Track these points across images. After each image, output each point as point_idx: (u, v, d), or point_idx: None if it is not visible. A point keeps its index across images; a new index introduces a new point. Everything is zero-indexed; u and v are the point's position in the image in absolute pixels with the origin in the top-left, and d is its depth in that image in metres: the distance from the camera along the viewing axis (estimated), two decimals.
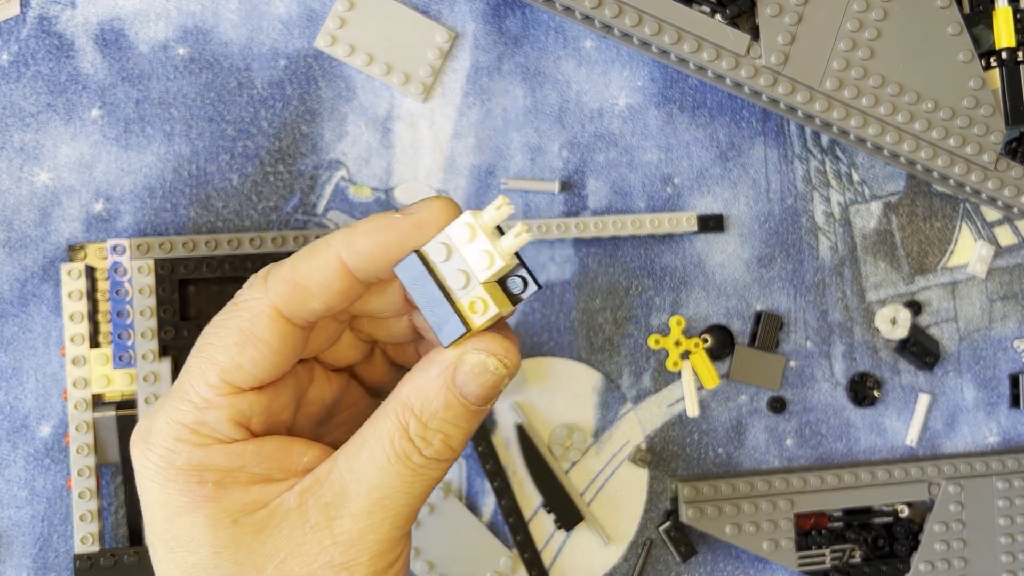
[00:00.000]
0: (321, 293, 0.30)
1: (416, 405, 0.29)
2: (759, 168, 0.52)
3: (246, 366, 0.30)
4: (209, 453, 0.30)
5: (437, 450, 0.30)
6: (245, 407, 0.30)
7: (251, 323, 0.30)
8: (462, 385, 0.29)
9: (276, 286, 0.30)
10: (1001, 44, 0.49)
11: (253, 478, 0.30)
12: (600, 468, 0.51)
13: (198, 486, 0.29)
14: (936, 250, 0.53)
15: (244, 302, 0.30)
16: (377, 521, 0.29)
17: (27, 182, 0.47)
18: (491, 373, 0.29)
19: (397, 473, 0.29)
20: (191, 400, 0.30)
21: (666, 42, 0.46)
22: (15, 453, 0.47)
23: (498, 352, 0.29)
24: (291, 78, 0.49)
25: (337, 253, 0.30)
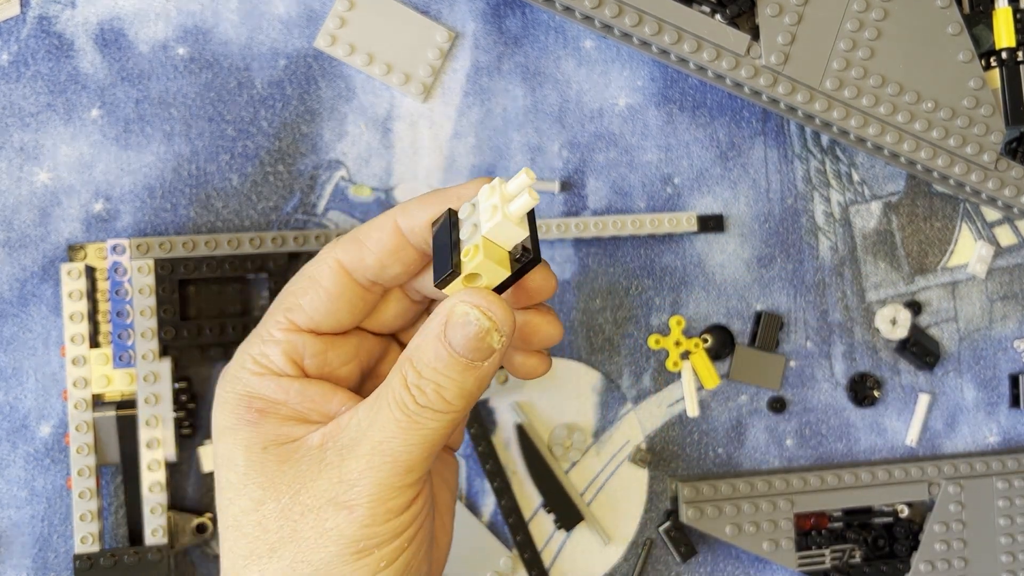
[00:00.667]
0: (375, 248, 0.34)
1: (414, 356, 0.32)
2: (759, 168, 0.52)
3: (305, 307, 0.35)
4: (262, 381, 0.34)
5: (430, 399, 0.32)
6: (299, 344, 0.35)
7: (316, 271, 0.35)
8: (450, 336, 0.31)
9: (341, 242, 0.35)
10: (1001, 44, 0.49)
11: (292, 414, 0.34)
12: (600, 468, 0.51)
13: (245, 410, 0.34)
14: (936, 250, 0.53)
15: (317, 257, 0.36)
16: (376, 464, 0.32)
17: (27, 182, 0.47)
18: (473, 324, 0.31)
19: (394, 419, 0.32)
20: (259, 335, 0.35)
21: (666, 42, 0.46)
22: (15, 453, 0.47)
23: (481, 304, 0.31)
24: (291, 78, 0.49)
25: (393, 217, 0.35)
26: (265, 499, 0.33)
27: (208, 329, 0.47)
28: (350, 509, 0.32)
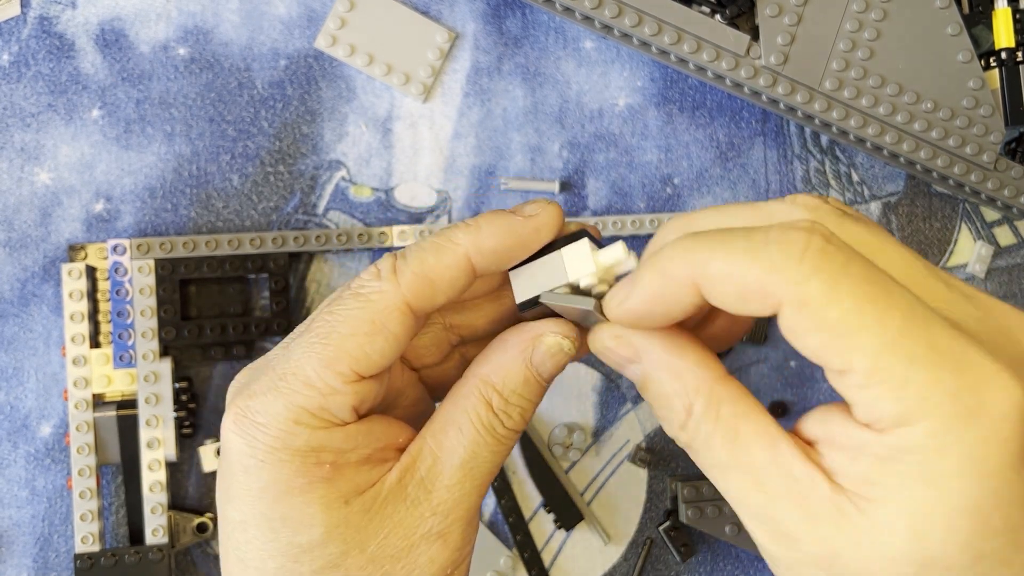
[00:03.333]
0: (448, 290, 0.32)
1: (497, 382, 0.32)
2: (759, 168, 0.52)
3: (374, 357, 0.31)
4: (329, 435, 0.31)
5: (516, 422, 0.32)
6: (364, 393, 0.32)
7: (383, 316, 0.31)
8: (539, 364, 0.32)
9: (409, 281, 0.31)
10: (1001, 44, 0.49)
11: (362, 459, 0.32)
12: (600, 468, 0.51)
13: (315, 467, 0.31)
14: (936, 250, 0.53)
15: (376, 294, 0.31)
16: (468, 490, 0.31)
17: (27, 182, 0.47)
18: (564, 353, 0.32)
19: (485, 443, 0.32)
20: (316, 387, 0.31)
21: (666, 42, 0.46)
22: (16, 453, 0.47)
23: (571, 335, 0.32)
24: (291, 78, 0.49)
25: (466, 252, 0.31)
26: (348, 552, 0.31)
27: (209, 329, 0.47)
28: (445, 539, 0.31)
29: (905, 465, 0.26)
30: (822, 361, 0.27)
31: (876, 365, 0.26)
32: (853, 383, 0.26)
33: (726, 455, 0.28)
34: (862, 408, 0.26)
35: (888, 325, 0.26)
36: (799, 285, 0.26)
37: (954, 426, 0.25)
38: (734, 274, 0.27)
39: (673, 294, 0.29)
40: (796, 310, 0.26)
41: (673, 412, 0.30)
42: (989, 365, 0.26)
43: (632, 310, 0.30)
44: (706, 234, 0.28)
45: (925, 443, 0.26)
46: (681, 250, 0.28)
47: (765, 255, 0.26)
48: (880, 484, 0.26)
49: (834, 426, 0.28)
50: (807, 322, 0.26)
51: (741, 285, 0.27)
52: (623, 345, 0.31)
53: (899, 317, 0.26)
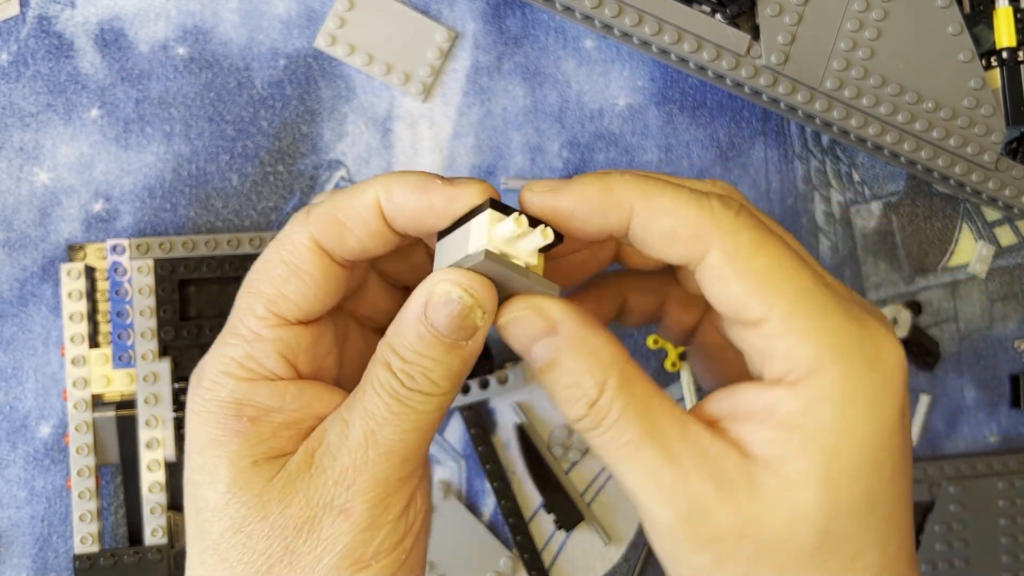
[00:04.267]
0: (359, 230, 0.31)
1: (395, 342, 0.30)
2: (759, 168, 0.52)
3: (291, 296, 0.31)
4: (254, 387, 0.30)
5: (418, 382, 0.30)
6: (292, 341, 0.31)
7: (293, 255, 0.31)
8: (432, 317, 0.30)
9: (316, 220, 0.31)
10: (1001, 44, 0.49)
11: (286, 421, 0.31)
12: (600, 468, 0.50)
13: (234, 420, 0.30)
14: (936, 250, 0.53)
15: (286, 236, 0.31)
16: (371, 458, 0.30)
17: (27, 182, 0.47)
18: (455, 302, 0.29)
19: (384, 404, 0.30)
20: (240, 334, 0.31)
21: (666, 42, 0.46)
22: (15, 453, 0.47)
23: (462, 282, 0.30)
24: (291, 78, 0.49)
25: (376, 195, 0.31)
26: (250, 518, 0.30)
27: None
28: (347, 513, 0.30)
29: (817, 414, 0.28)
30: (740, 309, 0.29)
31: (794, 311, 0.28)
32: (769, 331, 0.28)
33: (640, 431, 0.29)
34: (776, 358, 0.28)
35: (804, 278, 0.28)
36: (732, 235, 0.28)
37: (862, 373, 0.28)
38: (676, 212, 0.29)
39: (605, 209, 0.30)
40: (725, 256, 0.28)
41: (582, 390, 0.29)
42: (876, 322, 0.29)
43: (559, 202, 0.30)
44: (654, 175, 0.30)
45: (836, 388, 0.28)
46: (631, 176, 0.30)
47: (707, 205, 0.29)
48: (790, 440, 0.28)
49: (738, 398, 0.29)
50: (733, 268, 0.28)
51: (679, 223, 0.29)
52: (540, 316, 0.30)
53: (810, 273, 0.29)
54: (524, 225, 0.29)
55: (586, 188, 0.30)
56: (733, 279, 0.29)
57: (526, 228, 0.29)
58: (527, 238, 0.30)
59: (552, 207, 0.30)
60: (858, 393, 0.28)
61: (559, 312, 0.30)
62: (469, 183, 0.31)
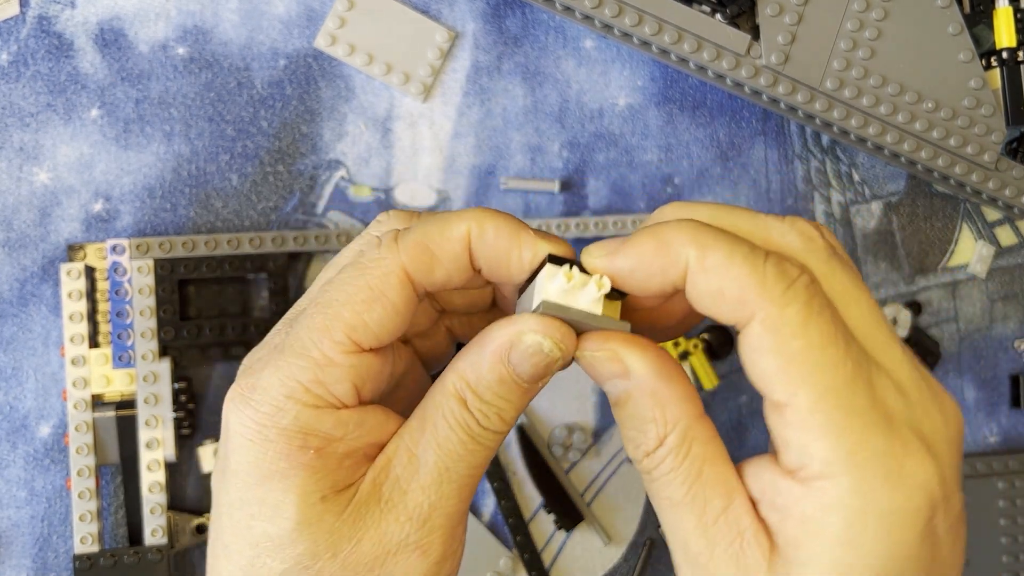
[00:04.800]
0: (448, 263, 0.30)
1: (472, 379, 0.30)
2: (759, 168, 0.52)
3: (372, 325, 0.30)
4: (319, 416, 0.29)
5: (493, 422, 0.30)
6: (364, 369, 0.30)
7: (381, 282, 0.30)
8: (516, 364, 0.29)
9: (409, 249, 0.30)
10: (1001, 44, 0.49)
11: (349, 451, 0.30)
12: (600, 468, 0.50)
13: (299, 451, 0.29)
14: (936, 250, 0.53)
15: (374, 260, 0.30)
16: (445, 493, 0.29)
17: (26, 182, 0.47)
18: (545, 355, 0.29)
19: (460, 441, 0.30)
20: (311, 356, 0.29)
21: (666, 42, 0.46)
22: (15, 453, 0.47)
23: (555, 336, 0.29)
24: (291, 78, 0.49)
25: (468, 229, 0.30)
26: (319, 555, 0.28)
27: (208, 329, 0.47)
28: (424, 551, 0.29)
29: (827, 526, 0.27)
30: (768, 387, 0.28)
31: (817, 405, 0.27)
32: (789, 419, 0.27)
33: (682, 494, 0.29)
34: (792, 450, 0.27)
35: (839, 371, 0.27)
36: (778, 307, 0.27)
37: (875, 487, 0.26)
38: (726, 272, 0.28)
39: (662, 266, 0.29)
40: (765, 328, 0.27)
41: (645, 437, 0.29)
42: (913, 437, 0.27)
43: (616, 264, 0.30)
44: (713, 228, 0.29)
45: (847, 501, 0.26)
46: (687, 229, 0.29)
47: (760, 269, 0.27)
48: (804, 546, 0.27)
49: (769, 481, 0.28)
50: (770, 342, 0.27)
51: (728, 284, 0.28)
52: (614, 360, 0.30)
53: (851, 367, 0.27)
54: (575, 276, 0.29)
55: (643, 247, 0.29)
56: (767, 354, 0.27)
57: (579, 279, 0.29)
58: (585, 289, 0.30)
59: (611, 270, 0.30)
60: (868, 509, 0.26)
61: (635, 359, 0.30)
62: (552, 239, 0.31)
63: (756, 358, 0.27)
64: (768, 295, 0.27)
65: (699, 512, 0.28)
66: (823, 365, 0.27)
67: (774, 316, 0.27)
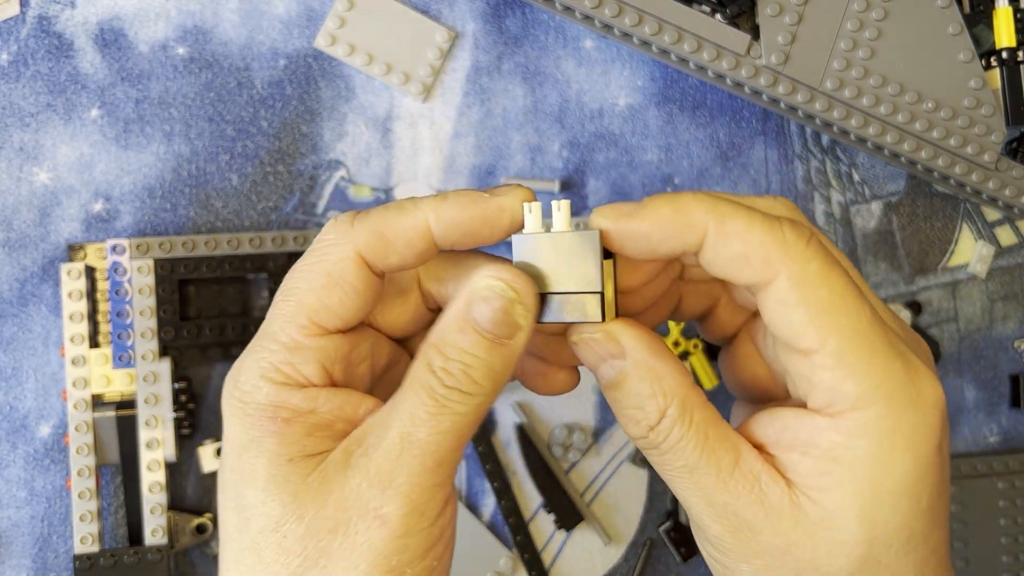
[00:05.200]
0: (403, 249, 0.32)
1: (436, 338, 0.31)
2: (759, 168, 0.52)
3: (334, 307, 0.31)
4: (289, 392, 0.31)
5: (457, 379, 0.30)
6: (330, 349, 0.31)
7: (337, 266, 0.31)
8: (475, 313, 0.30)
9: (361, 233, 0.31)
10: (1001, 44, 0.49)
11: (319, 423, 0.31)
12: (600, 468, 0.50)
13: (268, 421, 0.31)
14: (937, 250, 0.53)
15: (328, 245, 0.32)
16: (407, 459, 0.30)
17: (26, 182, 0.47)
18: (498, 296, 0.30)
19: (422, 403, 0.30)
20: (280, 340, 0.31)
21: (666, 42, 0.46)
22: (15, 453, 0.47)
23: (505, 277, 0.30)
24: (291, 78, 0.49)
25: (425, 216, 0.31)
26: (286, 517, 0.30)
27: (208, 329, 0.47)
28: (383, 520, 0.29)
29: (857, 449, 0.29)
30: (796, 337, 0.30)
31: (846, 347, 0.29)
32: (819, 363, 0.30)
33: (696, 457, 0.30)
34: (822, 389, 0.30)
35: (861, 315, 0.30)
36: (802, 263, 0.29)
37: (902, 411, 0.29)
38: (748, 236, 0.30)
39: (679, 230, 0.30)
40: (792, 284, 0.29)
41: (644, 413, 0.31)
42: (921, 364, 0.30)
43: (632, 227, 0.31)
44: (726, 196, 0.31)
45: (878, 424, 0.29)
46: (704, 197, 0.30)
47: (779, 230, 0.30)
48: (831, 473, 0.29)
49: (783, 423, 0.31)
50: (798, 296, 0.29)
51: (751, 248, 0.30)
52: (610, 340, 0.31)
53: (868, 311, 0.30)
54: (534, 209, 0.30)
55: (661, 210, 0.30)
56: (795, 307, 0.30)
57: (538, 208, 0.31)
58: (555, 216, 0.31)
59: (627, 231, 0.31)
60: (897, 430, 0.29)
61: (629, 338, 0.31)
62: (511, 191, 0.32)
63: (784, 312, 0.30)
64: (790, 253, 0.29)
65: (715, 470, 0.30)
66: (846, 311, 0.29)
67: (798, 272, 0.29)
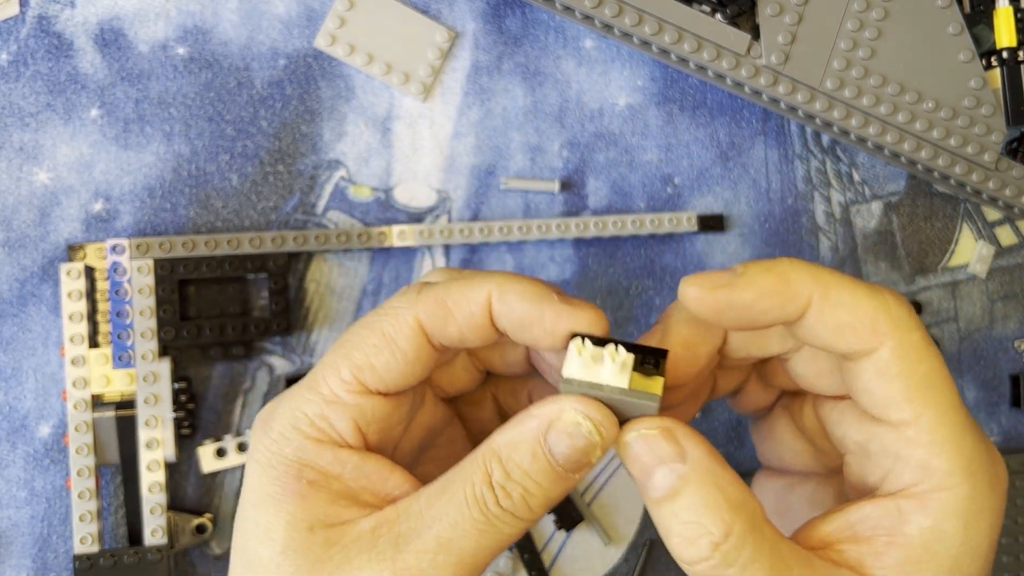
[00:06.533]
0: (463, 322, 0.31)
1: (503, 452, 0.29)
2: (759, 168, 0.52)
3: (380, 368, 0.30)
4: (318, 450, 0.30)
5: (514, 504, 0.29)
6: (368, 410, 0.31)
7: (393, 327, 0.31)
8: (553, 443, 0.29)
9: (425, 301, 0.31)
10: (1002, 44, 0.48)
11: (344, 491, 0.30)
12: (600, 468, 0.50)
13: (293, 480, 0.30)
14: (937, 250, 0.53)
15: (392, 308, 0.31)
16: (440, 564, 0.28)
17: (26, 182, 0.47)
18: (583, 436, 0.29)
19: (470, 517, 0.29)
20: (319, 391, 0.30)
21: (666, 42, 0.46)
22: (14, 453, 0.47)
23: (595, 417, 0.29)
24: (291, 78, 0.49)
25: (489, 294, 0.30)
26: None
27: (208, 329, 0.47)
28: None
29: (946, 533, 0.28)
30: (891, 407, 0.29)
31: (939, 422, 0.29)
32: (911, 437, 0.29)
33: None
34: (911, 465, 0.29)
35: (953, 392, 0.29)
36: (908, 332, 0.29)
37: (985, 492, 0.29)
38: (854, 305, 0.29)
39: (782, 301, 0.29)
40: (895, 355, 0.29)
41: (705, 529, 0.28)
42: (991, 445, 0.30)
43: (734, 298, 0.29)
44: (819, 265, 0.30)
45: (967, 507, 0.29)
46: (803, 267, 0.30)
47: (883, 299, 0.29)
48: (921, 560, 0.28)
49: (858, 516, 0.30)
50: (899, 368, 0.29)
51: (858, 315, 0.29)
52: (670, 439, 0.29)
53: (956, 393, 0.30)
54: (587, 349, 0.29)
55: (762, 280, 0.29)
56: (896, 378, 0.29)
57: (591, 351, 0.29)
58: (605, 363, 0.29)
59: (727, 302, 0.29)
60: (982, 512, 0.29)
61: (689, 439, 0.29)
62: (582, 307, 0.30)
63: (882, 383, 0.29)
64: (896, 323, 0.29)
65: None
66: (941, 387, 0.29)
67: (904, 343, 0.29)
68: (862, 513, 0.30)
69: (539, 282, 0.31)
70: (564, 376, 0.29)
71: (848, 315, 0.29)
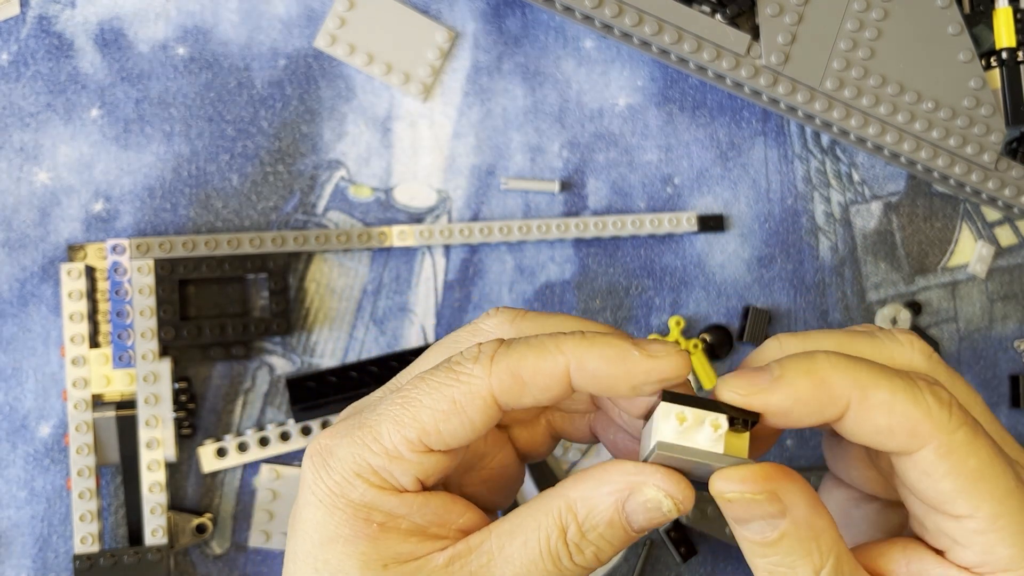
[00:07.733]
0: (538, 393, 0.30)
1: (581, 513, 0.30)
2: (759, 168, 0.52)
3: (446, 436, 0.30)
4: (383, 496, 0.31)
5: (586, 559, 0.30)
6: (429, 466, 0.31)
7: (465, 399, 0.30)
8: (631, 512, 0.29)
9: (501, 375, 0.30)
10: (1001, 44, 0.49)
11: (412, 529, 0.31)
12: None
13: (364, 523, 0.30)
14: (936, 250, 0.53)
15: (466, 375, 0.31)
16: None
17: (26, 182, 0.47)
18: (662, 513, 0.29)
19: (544, 570, 0.30)
20: (384, 446, 0.31)
21: (666, 42, 0.46)
22: (15, 453, 0.47)
23: (676, 496, 0.29)
24: (291, 78, 0.49)
25: (567, 364, 0.30)
26: None
27: (208, 329, 0.47)
28: None
29: None
30: (945, 504, 0.29)
31: (999, 511, 0.29)
32: (972, 527, 0.29)
33: None
34: (974, 552, 0.30)
35: (1009, 477, 0.29)
36: (949, 433, 0.29)
37: None
38: (893, 407, 0.29)
39: (819, 405, 0.29)
40: (940, 455, 0.29)
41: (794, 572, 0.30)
42: None
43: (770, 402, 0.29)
44: (863, 361, 0.30)
45: None
46: (841, 364, 0.29)
47: (924, 401, 0.29)
48: None
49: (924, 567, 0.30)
50: (947, 467, 0.29)
51: (896, 419, 0.29)
52: (774, 503, 0.29)
53: (1011, 475, 0.30)
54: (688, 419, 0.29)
55: (799, 384, 0.29)
56: (943, 477, 0.29)
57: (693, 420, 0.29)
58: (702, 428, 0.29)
59: (764, 406, 0.29)
60: None
61: (792, 495, 0.29)
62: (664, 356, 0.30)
63: (931, 482, 0.29)
64: (937, 425, 0.29)
65: None
66: (995, 477, 0.29)
67: (946, 443, 0.29)
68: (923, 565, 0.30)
69: (613, 339, 0.30)
70: (658, 440, 0.29)
71: (886, 419, 0.29)
